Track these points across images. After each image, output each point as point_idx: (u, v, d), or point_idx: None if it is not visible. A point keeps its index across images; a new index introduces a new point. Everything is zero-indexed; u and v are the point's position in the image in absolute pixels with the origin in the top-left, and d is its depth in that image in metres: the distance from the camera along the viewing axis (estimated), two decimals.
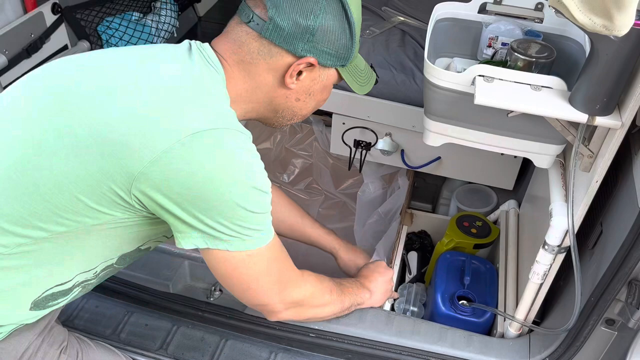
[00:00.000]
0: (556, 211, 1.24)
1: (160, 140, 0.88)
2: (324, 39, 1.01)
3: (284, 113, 1.12)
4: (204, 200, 0.91)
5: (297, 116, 1.15)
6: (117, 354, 1.30)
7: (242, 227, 0.95)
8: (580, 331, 1.26)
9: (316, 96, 1.12)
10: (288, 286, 1.13)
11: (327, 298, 1.27)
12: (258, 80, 1.04)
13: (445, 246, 1.76)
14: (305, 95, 1.10)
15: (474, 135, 1.29)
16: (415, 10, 2.03)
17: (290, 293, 1.14)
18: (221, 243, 0.96)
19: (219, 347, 1.45)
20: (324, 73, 1.08)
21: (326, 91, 1.14)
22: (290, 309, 1.17)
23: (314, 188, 2.49)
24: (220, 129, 0.92)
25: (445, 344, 1.42)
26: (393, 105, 1.76)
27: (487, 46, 1.39)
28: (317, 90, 1.11)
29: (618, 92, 1.02)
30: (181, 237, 0.96)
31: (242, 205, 0.93)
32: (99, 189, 0.90)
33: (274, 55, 1.02)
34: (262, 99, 1.07)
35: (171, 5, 2.43)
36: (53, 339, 1.13)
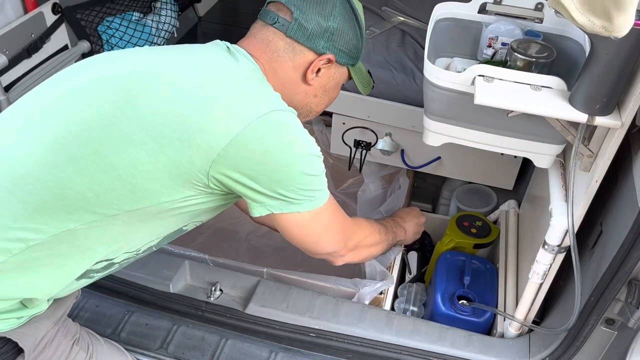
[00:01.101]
0: (556, 211, 1.24)
1: (234, 124, 0.97)
2: (341, 38, 1.15)
3: (302, 110, 1.21)
4: (277, 173, 1.01)
5: (312, 113, 1.26)
6: (123, 352, 1.31)
7: (309, 189, 1.06)
8: (580, 331, 1.26)
9: (330, 93, 1.24)
10: (348, 233, 1.24)
11: (377, 237, 1.38)
12: (283, 77, 1.15)
13: (445, 246, 1.76)
14: (322, 92, 1.22)
15: (474, 135, 1.29)
16: (415, 10, 2.03)
17: (351, 238, 1.25)
18: (294, 207, 1.06)
19: (219, 346, 1.45)
20: (338, 71, 1.21)
21: (337, 89, 1.26)
22: (351, 252, 1.27)
23: None
24: (279, 110, 1.03)
25: (445, 344, 1.42)
26: (393, 105, 1.76)
27: (487, 46, 1.39)
28: (331, 87, 1.23)
29: (618, 92, 1.02)
30: (258, 205, 1.05)
31: (307, 172, 1.04)
32: (177, 171, 0.97)
33: (297, 53, 1.14)
34: (285, 97, 1.13)
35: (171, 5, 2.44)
36: (67, 330, 1.16)
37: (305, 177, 1.04)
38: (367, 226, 1.37)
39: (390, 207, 2.06)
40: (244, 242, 2.27)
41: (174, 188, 0.99)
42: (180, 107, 0.98)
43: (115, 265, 1.12)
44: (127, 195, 0.97)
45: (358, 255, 1.32)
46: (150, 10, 2.37)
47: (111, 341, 1.31)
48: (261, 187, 1.02)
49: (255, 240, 2.29)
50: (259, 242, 2.28)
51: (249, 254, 2.22)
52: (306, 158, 1.04)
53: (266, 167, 1.00)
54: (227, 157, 0.97)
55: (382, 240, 1.41)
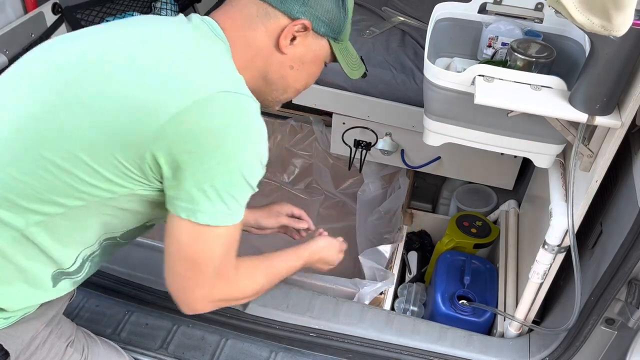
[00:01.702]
0: (556, 211, 1.24)
1: (175, 101, 0.89)
2: (318, 4, 1.06)
3: (277, 84, 1.12)
4: (210, 161, 0.90)
5: (289, 89, 1.15)
6: (121, 353, 1.30)
7: (232, 197, 0.93)
8: (580, 331, 1.26)
9: (309, 67, 1.13)
10: (224, 282, 1.05)
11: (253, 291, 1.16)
12: (256, 45, 1.06)
13: (445, 246, 1.76)
14: (299, 64, 1.11)
15: (474, 135, 1.29)
16: (415, 10, 2.03)
17: (222, 289, 1.06)
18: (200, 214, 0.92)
19: (220, 346, 1.45)
20: (316, 42, 1.10)
21: (317, 64, 1.14)
22: (211, 305, 1.07)
23: (314, 188, 2.50)
24: (233, 92, 0.93)
25: (445, 344, 1.42)
26: (393, 105, 1.76)
27: (487, 46, 1.39)
28: (309, 59, 1.12)
29: (618, 91, 1.02)
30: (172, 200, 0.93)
31: (244, 173, 0.92)
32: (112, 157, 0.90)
33: (271, 17, 1.04)
34: (260, 67, 1.07)
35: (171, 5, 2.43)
36: (61, 332, 1.14)
37: (239, 182, 0.92)
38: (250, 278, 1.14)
39: (390, 207, 2.06)
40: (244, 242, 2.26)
41: (113, 181, 0.93)
42: (123, 85, 0.91)
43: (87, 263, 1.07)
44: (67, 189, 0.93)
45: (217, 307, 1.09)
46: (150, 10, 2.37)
47: (109, 341, 1.30)
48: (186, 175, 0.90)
49: (255, 240, 2.28)
50: (259, 242, 2.27)
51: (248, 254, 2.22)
52: (251, 156, 0.93)
53: (200, 151, 0.89)
54: (165, 136, 0.89)
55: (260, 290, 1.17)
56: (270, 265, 1.23)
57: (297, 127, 2.36)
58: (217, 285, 1.04)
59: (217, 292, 1.05)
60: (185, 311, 1.07)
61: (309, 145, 2.39)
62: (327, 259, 1.39)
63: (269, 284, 1.20)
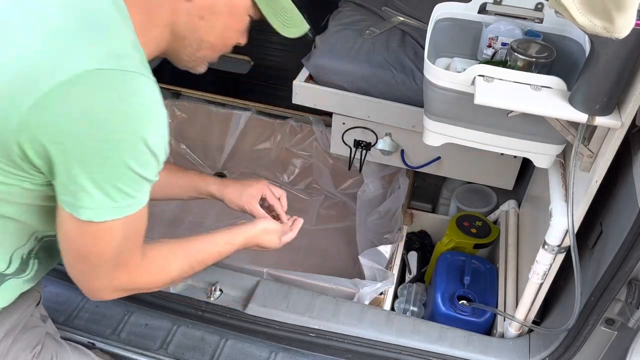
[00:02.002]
0: (556, 211, 1.24)
1: (40, 83, 0.78)
2: None
3: (189, 39, 1.00)
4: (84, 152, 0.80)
5: (204, 44, 1.02)
6: (92, 357, 1.25)
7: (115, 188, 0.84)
8: (580, 331, 1.26)
9: (223, 17, 0.99)
10: (125, 272, 0.97)
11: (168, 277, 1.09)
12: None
13: (445, 246, 1.76)
14: (209, 14, 0.98)
15: (474, 135, 1.29)
16: (415, 10, 2.03)
17: (123, 279, 0.98)
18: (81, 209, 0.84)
19: (219, 346, 1.45)
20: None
21: (236, 16, 1.01)
22: (115, 293, 1.01)
23: (314, 188, 2.50)
24: (113, 69, 0.81)
25: (445, 344, 1.42)
26: (393, 105, 1.76)
27: (487, 46, 1.39)
28: (222, 9, 0.99)
29: (618, 92, 1.02)
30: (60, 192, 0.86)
31: (127, 163, 0.82)
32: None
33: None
34: (167, 20, 0.96)
35: None
36: (26, 343, 1.08)
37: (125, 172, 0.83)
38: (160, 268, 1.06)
39: (390, 207, 2.06)
40: None
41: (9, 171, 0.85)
42: None
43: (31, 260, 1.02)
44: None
45: (126, 294, 1.04)
46: None
47: (80, 347, 1.25)
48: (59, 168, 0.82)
49: None
50: None
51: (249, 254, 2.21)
52: (134, 147, 0.82)
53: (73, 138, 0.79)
54: (30, 124, 0.79)
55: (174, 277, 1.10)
56: (192, 249, 1.14)
57: (297, 127, 2.36)
58: (117, 276, 0.96)
59: (120, 282, 0.98)
60: (91, 298, 1.01)
61: (309, 145, 2.39)
62: (265, 244, 1.29)
63: (191, 269, 1.11)
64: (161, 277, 1.06)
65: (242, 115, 2.40)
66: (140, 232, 0.96)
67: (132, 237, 0.94)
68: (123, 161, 0.82)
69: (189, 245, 1.13)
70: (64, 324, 1.46)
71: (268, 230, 1.30)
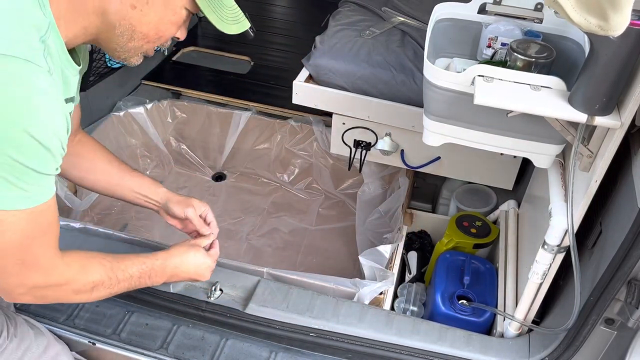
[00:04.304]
0: (556, 211, 1.24)
1: None
2: None
3: (121, 28, 0.97)
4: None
5: (136, 34, 0.99)
6: (42, 332, 1.28)
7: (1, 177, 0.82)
8: (580, 331, 1.26)
9: (157, 8, 0.97)
10: (36, 271, 0.96)
11: (88, 284, 1.07)
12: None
13: (445, 246, 1.77)
14: (143, 3, 0.95)
15: (474, 135, 1.29)
16: (415, 10, 2.03)
17: (37, 278, 0.97)
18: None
19: (220, 346, 1.45)
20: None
21: (171, 8, 0.99)
22: (29, 295, 0.99)
23: (314, 188, 2.50)
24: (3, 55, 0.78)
25: (445, 344, 1.42)
26: (393, 105, 1.76)
27: (487, 46, 1.39)
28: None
29: (617, 92, 1.02)
30: None
31: (10, 154, 0.80)
32: None
33: None
34: (96, 7, 0.94)
35: None
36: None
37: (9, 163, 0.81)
38: (78, 269, 1.05)
39: (390, 207, 2.06)
40: (244, 242, 2.27)
41: None
42: None
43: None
44: None
45: (42, 300, 1.03)
46: None
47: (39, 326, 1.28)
48: None
49: (255, 240, 2.29)
50: (259, 242, 2.28)
51: (249, 254, 2.22)
52: (17, 137, 0.80)
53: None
54: None
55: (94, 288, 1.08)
56: (112, 258, 1.12)
57: (297, 127, 2.37)
58: (29, 275, 0.96)
59: (34, 282, 0.97)
60: (7, 299, 1.00)
61: (309, 145, 2.39)
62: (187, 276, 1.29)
63: (109, 285, 1.10)
64: (81, 278, 1.04)
65: (242, 115, 2.40)
66: (49, 232, 0.94)
67: (39, 235, 0.92)
68: (4, 152, 0.80)
69: (111, 260, 1.11)
70: (64, 324, 1.46)
71: (197, 263, 1.30)
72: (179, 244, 1.32)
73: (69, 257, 1.03)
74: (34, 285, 0.98)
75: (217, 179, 2.58)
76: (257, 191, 2.50)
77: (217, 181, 2.57)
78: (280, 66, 2.64)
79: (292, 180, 2.51)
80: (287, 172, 2.50)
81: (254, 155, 2.50)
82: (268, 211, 2.41)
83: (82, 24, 0.95)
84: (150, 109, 2.42)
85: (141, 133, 2.44)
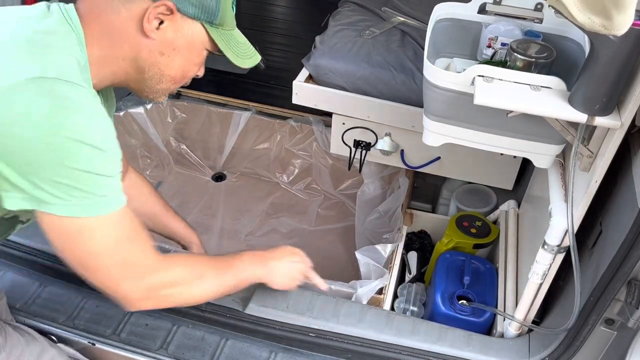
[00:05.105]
0: (556, 211, 1.24)
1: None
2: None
3: (150, 72, 1.05)
4: (26, 153, 0.85)
5: (164, 78, 1.07)
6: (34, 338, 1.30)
7: (70, 187, 0.88)
8: (580, 331, 1.26)
9: (183, 53, 1.05)
10: (142, 272, 1.03)
11: (196, 283, 1.15)
12: (120, 32, 0.99)
13: (445, 246, 1.76)
14: (170, 50, 1.03)
15: (474, 135, 1.29)
16: (415, 10, 2.03)
17: (147, 280, 1.04)
18: (48, 205, 0.88)
19: (219, 346, 1.45)
20: (188, 26, 1.03)
21: (195, 51, 1.07)
22: (147, 300, 1.06)
23: (313, 188, 2.50)
24: (51, 78, 0.87)
25: (444, 344, 1.42)
26: (393, 105, 1.76)
27: (487, 46, 1.39)
28: (182, 45, 1.04)
29: (617, 92, 1.02)
30: (5, 196, 0.89)
31: (67, 162, 0.86)
32: None
33: (132, 0, 0.98)
34: (127, 54, 1.01)
35: None
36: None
37: (66, 170, 0.86)
38: (185, 266, 1.13)
39: (390, 207, 2.06)
40: (243, 243, 2.27)
41: None
42: None
43: None
44: None
45: (160, 304, 1.11)
46: None
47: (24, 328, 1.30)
48: (8, 170, 0.86)
49: (255, 240, 2.29)
50: (259, 242, 2.28)
51: None
52: (73, 146, 0.86)
53: (14, 142, 0.84)
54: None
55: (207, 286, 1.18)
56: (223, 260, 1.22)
57: (297, 127, 2.36)
58: (137, 276, 1.02)
59: (144, 280, 1.03)
60: (129, 309, 1.06)
61: (309, 145, 2.39)
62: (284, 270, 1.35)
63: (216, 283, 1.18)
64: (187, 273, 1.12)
65: (242, 115, 2.40)
66: (139, 231, 1.00)
67: (132, 235, 0.99)
68: (63, 163, 0.86)
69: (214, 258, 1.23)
70: (64, 324, 1.46)
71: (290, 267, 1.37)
72: None
73: (169, 256, 1.11)
74: (146, 287, 1.04)
75: (217, 179, 2.58)
76: (256, 191, 2.50)
77: (217, 181, 2.57)
78: (280, 66, 2.64)
79: (291, 180, 2.51)
80: (286, 172, 2.50)
81: (253, 155, 2.50)
82: (267, 212, 2.41)
83: (112, 69, 1.02)
84: (150, 109, 2.42)
85: (141, 133, 2.44)
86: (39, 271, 1.57)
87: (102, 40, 0.99)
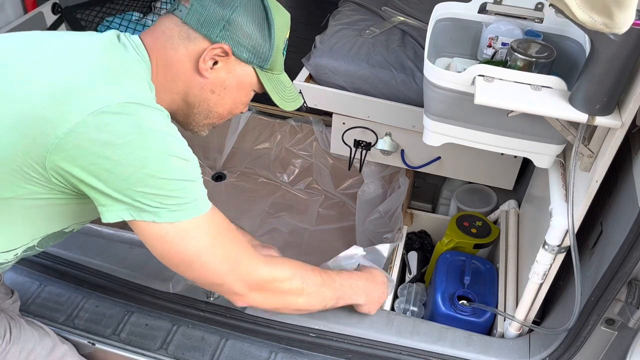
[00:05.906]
0: (556, 211, 1.24)
1: (75, 112, 0.90)
2: (240, 30, 1.07)
3: (200, 108, 1.13)
4: (120, 170, 0.91)
5: (212, 114, 1.15)
6: (47, 332, 1.31)
7: (165, 196, 0.94)
8: (580, 331, 1.26)
9: (232, 92, 1.13)
10: (244, 264, 1.08)
11: (298, 284, 1.18)
12: (177, 67, 1.07)
13: (445, 246, 1.76)
14: (221, 89, 1.11)
15: (474, 135, 1.29)
16: (415, 10, 2.03)
17: (250, 272, 1.09)
18: (147, 214, 0.94)
19: (219, 346, 1.45)
20: (240, 68, 1.11)
21: (243, 91, 1.15)
22: (255, 292, 1.11)
23: (314, 188, 2.50)
24: (134, 103, 0.93)
25: (445, 344, 1.42)
26: (393, 105, 1.76)
27: (487, 46, 1.39)
28: (232, 85, 1.12)
29: (618, 92, 1.02)
30: (105, 210, 0.95)
31: (162, 176, 0.93)
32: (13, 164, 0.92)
33: (192, 40, 1.06)
34: (180, 89, 1.09)
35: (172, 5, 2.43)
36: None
37: (157, 180, 0.92)
38: (287, 268, 1.18)
39: (390, 207, 2.06)
40: None
41: (14, 183, 0.94)
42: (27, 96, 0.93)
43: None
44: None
45: (268, 300, 1.15)
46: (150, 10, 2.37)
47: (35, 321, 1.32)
48: (106, 187, 0.92)
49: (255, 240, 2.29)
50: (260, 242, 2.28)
51: None
52: (162, 158, 0.93)
53: (107, 161, 0.90)
54: (64, 148, 0.89)
55: (310, 291, 1.21)
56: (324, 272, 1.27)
57: (297, 127, 2.36)
58: (239, 268, 1.07)
59: (249, 275, 1.09)
60: (238, 304, 1.12)
61: (309, 145, 2.39)
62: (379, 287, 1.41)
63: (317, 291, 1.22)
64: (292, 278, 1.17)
65: (242, 115, 2.40)
66: (230, 227, 1.07)
67: (224, 231, 1.04)
68: (153, 175, 0.92)
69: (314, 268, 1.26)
70: (64, 324, 1.46)
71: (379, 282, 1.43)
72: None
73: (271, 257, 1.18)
74: (250, 279, 1.09)
75: (217, 179, 2.58)
76: (257, 191, 2.50)
77: (217, 181, 2.57)
78: None
79: (292, 180, 2.50)
80: (287, 172, 2.50)
81: (253, 155, 2.50)
82: (268, 211, 2.41)
83: (167, 101, 1.09)
84: None
85: None
86: (39, 271, 1.58)
87: (163, 74, 1.07)
